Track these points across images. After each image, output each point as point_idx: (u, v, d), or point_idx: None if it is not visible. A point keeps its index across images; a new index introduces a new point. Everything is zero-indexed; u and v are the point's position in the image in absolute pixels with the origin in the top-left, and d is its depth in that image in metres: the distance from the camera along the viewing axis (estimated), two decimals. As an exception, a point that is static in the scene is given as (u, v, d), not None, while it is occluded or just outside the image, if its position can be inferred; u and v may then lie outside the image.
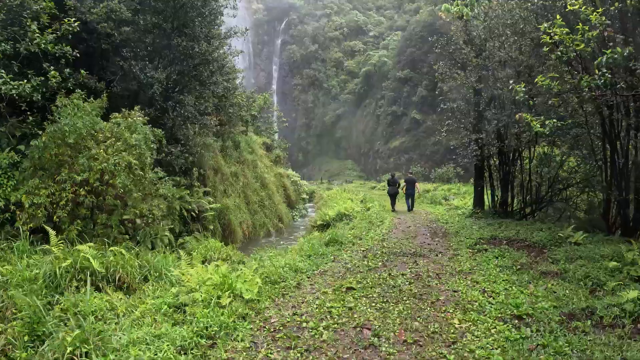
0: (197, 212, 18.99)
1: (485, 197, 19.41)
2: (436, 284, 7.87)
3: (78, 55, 14.01)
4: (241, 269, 8.15)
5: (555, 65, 10.59)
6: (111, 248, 8.89)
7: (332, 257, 10.07)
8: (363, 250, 10.88)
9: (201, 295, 6.59)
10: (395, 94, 78.32)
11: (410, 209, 21.74)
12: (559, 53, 8.62)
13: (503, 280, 8.21)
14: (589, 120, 12.33)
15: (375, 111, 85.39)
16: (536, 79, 9.11)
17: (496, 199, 18.66)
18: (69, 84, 13.02)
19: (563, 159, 16.01)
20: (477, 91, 17.02)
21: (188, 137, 20.63)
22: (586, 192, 16.13)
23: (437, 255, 10.47)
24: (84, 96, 12.38)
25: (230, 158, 23.29)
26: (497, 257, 10.21)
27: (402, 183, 22.35)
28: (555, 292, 7.66)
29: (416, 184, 22.30)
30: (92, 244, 8.78)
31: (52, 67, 11.57)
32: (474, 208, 19.13)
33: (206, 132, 22.21)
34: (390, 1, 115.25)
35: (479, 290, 7.53)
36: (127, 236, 10.24)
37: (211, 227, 19.02)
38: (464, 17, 16.23)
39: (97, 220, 9.62)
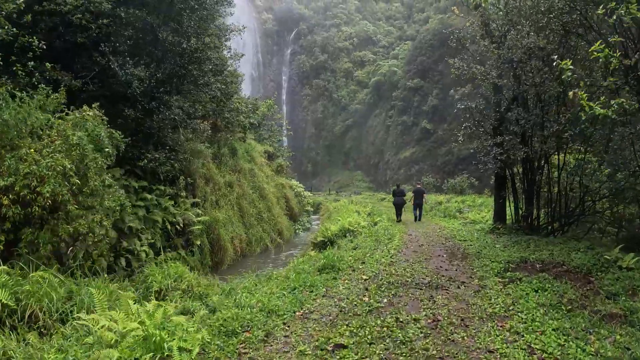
0: (182, 225, 16.83)
1: (507, 209, 16.98)
2: (463, 337, 5.51)
3: (45, 47, 12.33)
4: (193, 309, 5.90)
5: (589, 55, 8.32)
6: (33, 274, 6.74)
7: (323, 290, 7.75)
8: (365, 280, 8.54)
9: (116, 356, 4.35)
10: (406, 103, 76.08)
11: (418, 219, 21.18)
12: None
13: (553, 330, 5.85)
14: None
15: (385, 121, 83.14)
16: (591, 48, 6.82)
17: (520, 212, 16.22)
18: (34, 79, 11.37)
19: (596, 167, 13.60)
20: (498, 88, 14.69)
21: (176, 142, 18.59)
22: (617, 204, 13.83)
23: (458, 287, 8.09)
24: (47, 92, 10.52)
25: (226, 166, 21.16)
26: (536, 291, 7.85)
27: (410, 194, 21.78)
28: (629, 350, 5.38)
29: (424, 194, 21.65)
30: (5, 267, 6.65)
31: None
32: (495, 222, 16.68)
33: (197, 137, 20.17)
34: (400, 11, 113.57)
35: (524, 349, 5.19)
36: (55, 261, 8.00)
37: (198, 242, 16.85)
38: (482, 5, 13.95)
39: (22, 237, 7.47)
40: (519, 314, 6.49)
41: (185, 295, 8.29)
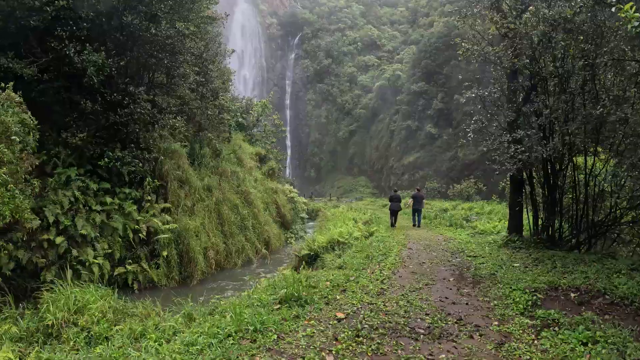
0: (145, 233, 14.42)
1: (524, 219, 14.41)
2: None
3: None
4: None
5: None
6: None
7: (273, 338, 5.23)
8: (339, 321, 6.02)
9: None
10: (410, 107, 73.41)
11: (416, 224, 20.13)
12: None
13: None
14: None
15: (390, 126, 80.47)
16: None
17: (540, 222, 13.64)
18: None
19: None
20: (514, 74, 12.15)
21: (147, 140, 16.21)
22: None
23: (471, 335, 5.54)
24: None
25: (206, 168, 18.76)
26: (584, 343, 5.32)
27: (409, 199, 21.06)
28: None
29: (423, 200, 20.77)
30: None
31: None
32: (510, 234, 14.07)
33: (173, 135, 17.79)
34: (405, 15, 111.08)
35: None
36: None
37: (165, 253, 14.41)
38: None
39: None
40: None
41: (81, 334, 5.86)
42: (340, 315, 6.23)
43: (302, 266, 10.99)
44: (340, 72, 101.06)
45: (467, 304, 6.99)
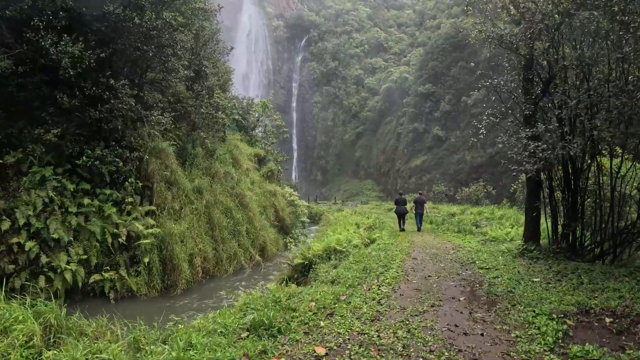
0: (125, 238, 13.16)
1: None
2: None
3: None
4: None
5: None
6: None
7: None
8: (318, 358, 4.64)
9: None
10: (417, 110, 71.82)
11: (419, 228, 19.73)
12: None
13: None
14: None
15: (396, 129, 78.92)
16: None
17: (559, 229, 12.17)
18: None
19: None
20: (530, 62, 10.69)
21: (132, 138, 14.99)
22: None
23: (491, 387, 4.13)
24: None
25: (198, 169, 17.49)
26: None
27: (412, 204, 20.73)
28: None
29: (425, 204, 20.48)
30: None
31: None
32: (526, 242, 12.57)
33: (160, 134, 16.56)
34: (412, 18, 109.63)
35: None
36: None
37: (146, 259, 13.14)
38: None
39: None
40: None
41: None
42: (320, 351, 4.84)
43: (287, 280, 9.60)
44: (347, 74, 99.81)
45: (482, 334, 5.57)
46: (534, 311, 6.56)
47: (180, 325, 6.14)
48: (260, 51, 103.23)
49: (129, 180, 14.10)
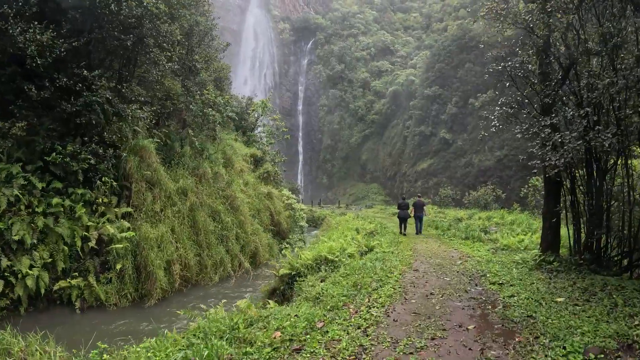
0: (96, 241, 11.83)
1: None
2: None
3: None
4: None
5: None
6: None
7: None
8: None
9: None
10: (424, 112, 70.08)
11: (418, 231, 19.48)
12: None
13: None
14: None
15: (403, 132, 77.21)
16: None
17: (582, 237, 10.62)
18: None
19: None
20: (547, 45, 9.18)
21: (110, 134, 13.68)
22: None
23: None
24: None
25: (185, 169, 16.14)
26: None
27: (411, 207, 20.38)
28: None
29: (424, 207, 20.59)
30: None
31: None
32: (544, 252, 10.98)
33: (138, 129, 15.25)
34: (419, 21, 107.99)
35: None
36: None
37: (119, 266, 11.81)
38: None
39: None
40: None
41: None
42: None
43: (272, 293, 8.15)
44: (353, 77, 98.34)
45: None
46: (563, 347, 5.06)
47: (105, 356, 4.71)
48: (266, 54, 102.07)
49: (103, 179, 12.77)
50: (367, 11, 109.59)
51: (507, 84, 9.17)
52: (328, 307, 6.39)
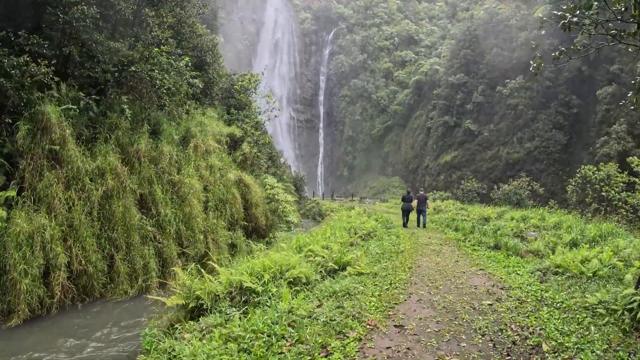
0: None
1: None
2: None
3: None
4: None
5: None
6: None
7: None
8: None
9: None
10: (448, 102, 63.64)
11: (420, 224, 19.03)
12: None
13: None
14: None
15: (426, 123, 70.92)
16: None
17: None
18: None
19: None
20: None
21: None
22: None
23: None
24: None
25: (116, 146, 11.58)
26: None
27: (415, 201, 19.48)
28: None
29: (427, 200, 19.86)
30: None
31: None
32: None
33: (56, 94, 10.74)
34: (444, 10, 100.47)
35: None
36: None
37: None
38: None
39: None
40: None
41: None
42: None
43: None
44: (375, 67, 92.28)
45: None
46: None
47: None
48: (287, 44, 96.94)
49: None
50: (391, 0, 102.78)
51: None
52: None
